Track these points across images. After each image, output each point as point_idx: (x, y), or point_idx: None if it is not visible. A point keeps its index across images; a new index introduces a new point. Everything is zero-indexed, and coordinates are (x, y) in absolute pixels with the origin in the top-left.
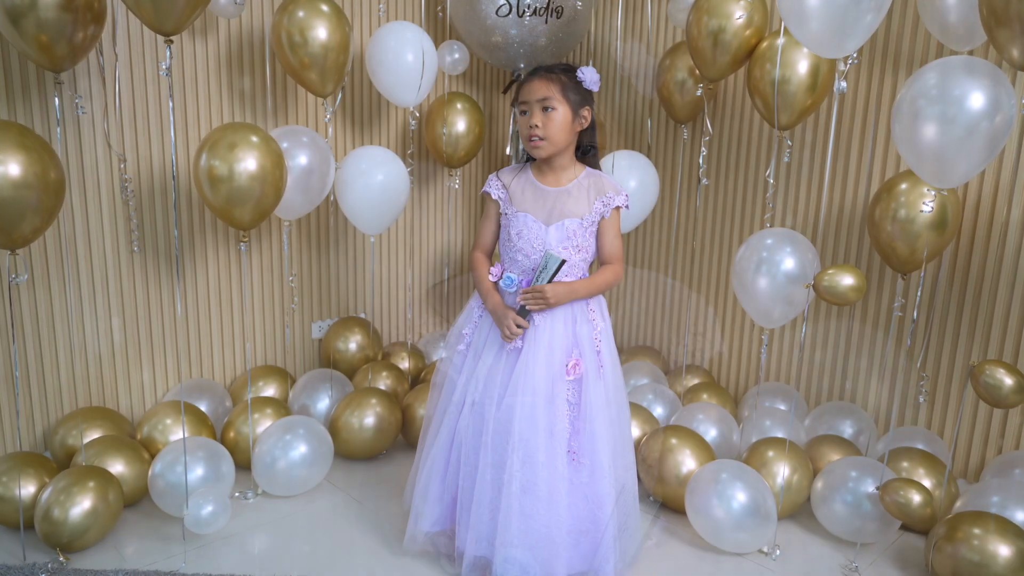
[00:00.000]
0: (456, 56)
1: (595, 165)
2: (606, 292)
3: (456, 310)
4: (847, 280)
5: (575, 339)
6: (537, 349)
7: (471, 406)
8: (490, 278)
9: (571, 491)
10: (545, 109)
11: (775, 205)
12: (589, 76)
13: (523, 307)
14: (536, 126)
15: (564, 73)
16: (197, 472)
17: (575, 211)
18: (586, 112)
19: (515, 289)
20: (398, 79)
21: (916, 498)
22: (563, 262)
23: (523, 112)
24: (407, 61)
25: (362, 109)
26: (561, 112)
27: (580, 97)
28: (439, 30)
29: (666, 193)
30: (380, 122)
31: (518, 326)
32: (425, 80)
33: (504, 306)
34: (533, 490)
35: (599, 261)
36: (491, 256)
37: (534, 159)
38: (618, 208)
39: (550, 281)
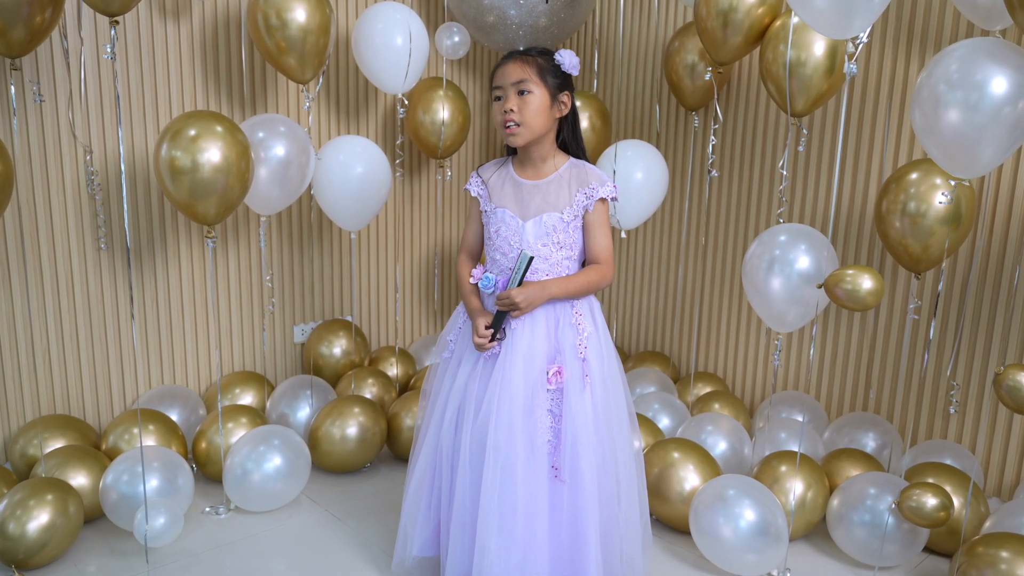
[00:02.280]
0: (456, 40)
1: (579, 153)
2: (597, 294)
3: (451, 313)
4: (867, 284)
5: (557, 345)
6: (515, 355)
7: (452, 418)
8: (470, 280)
9: (552, 512)
10: (521, 93)
11: (787, 199)
12: (568, 59)
13: (498, 313)
14: (511, 111)
15: (541, 56)
16: (152, 483)
17: (555, 204)
18: (565, 97)
19: (492, 290)
20: (387, 64)
21: (931, 501)
22: (531, 259)
23: (497, 98)
24: (396, 45)
25: (347, 96)
26: (538, 96)
27: (559, 81)
28: (437, 11)
29: (676, 186)
30: (367, 110)
31: (482, 335)
32: (413, 65)
33: (480, 311)
34: (512, 512)
35: (586, 260)
36: (478, 259)
37: (516, 153)
38: (604, 200)
39: (520, 282)
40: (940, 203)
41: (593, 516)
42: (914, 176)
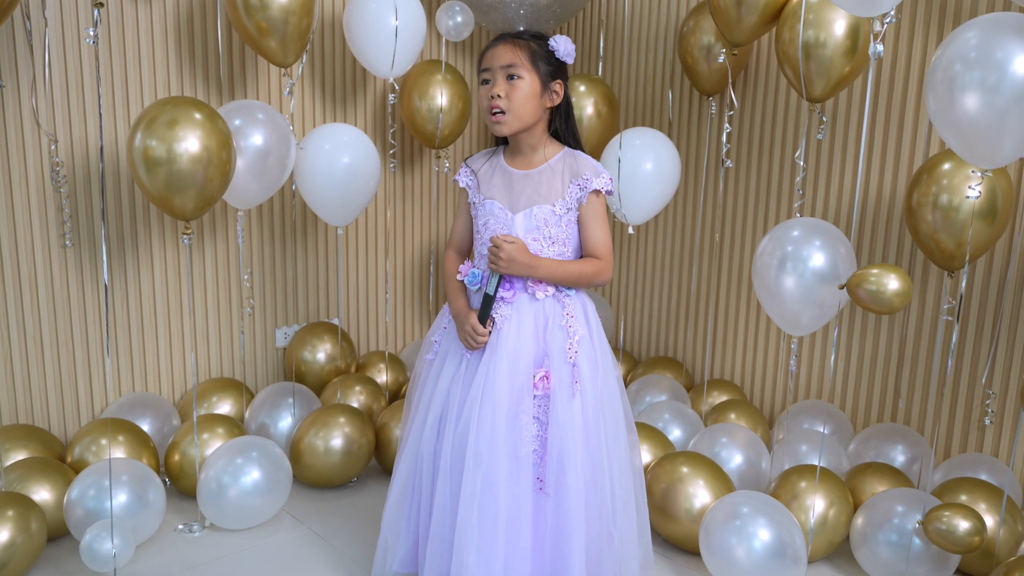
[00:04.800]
0: (459, 20)
1: (575, 145)
2: (600, 290)
3: None
4: (893, 284)
5: (546, 347)
6: (499, 357)
7: (434, 423)
8: (458, 277)
9: (536, 527)
10: (510, 78)
11: (803, 192)
12: (563, 46)
13: (483, 306)
14: (498, 96)
15: (534, 40)
16: (120, 499)
17: (546, 196)
18: (558, 87)
19: (478, 287)
20: (380, 46)
21: (962, 524)
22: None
23: (485, 81)
24: (390, 25)
25: (334, 81)
26: (528, 82)
27: (552, 68)
28: None
29: (689, 178)
30: (357, 96)
31: (482, 333)
32: (407, 47)
33: (467, 310)
34: (492, 525)
35: (583, 256)
36: (467, 255)
37: (507, 142)
38: (598, 192)
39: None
40: (968, 197)
41: (579, 533)
42: (947, 167)
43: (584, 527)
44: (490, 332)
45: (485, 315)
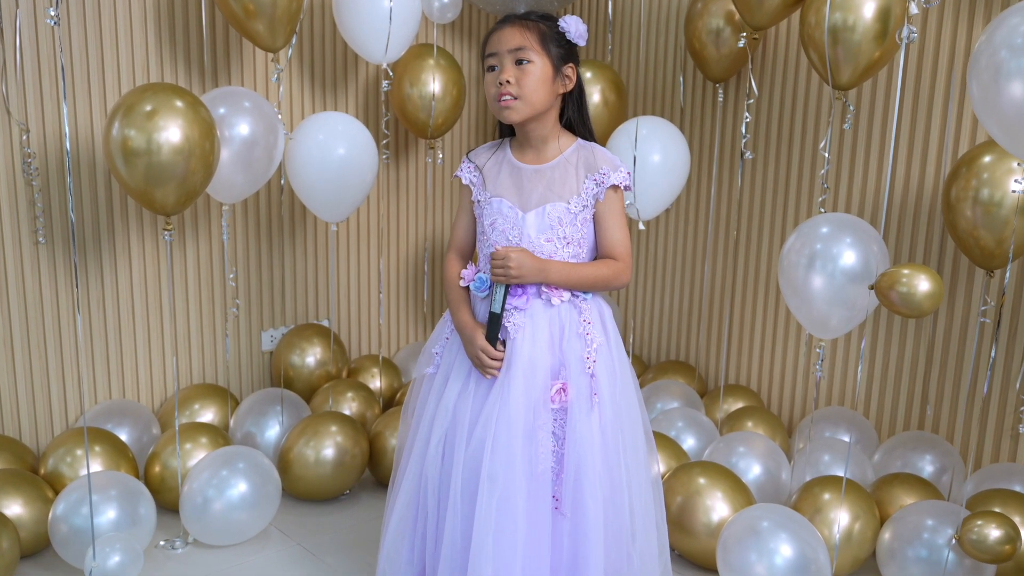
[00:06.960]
0: (446, 1)
1: (587, 136)
2: (607, 294)
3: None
4: (924, 286)
5: (563, 357)
6: (515, 370)
7: (438, 443)
8: (461, 282)
9: (553, 551)
10: (519, 62)
11: (829, 186)
12: (574, 27)
13: (490, 325)
14: (508, 82)
15: (543, 21)
16: (108, 515)
17: (560, 193)
18: (570, 71)
19: (486, 293)
20: (372, 28)
21: (994, 533)
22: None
23: (491, 68)
24: (383, 7)
25: (323, 67)
26: (539, 66)
27: (563, 51)
28: None
29: (703, 169)
30: (348, 83)
31: (495, 357)
32: (401, 30)
33: (473, 324)
34: (511, 552)
35: (599, 257)
36: (470, 259)
37: (513, 134)
38: (616, 188)
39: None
40: (1013, 192)
41: (597, 556)
42: (988, 159)
43: (603, 550)
44: (503, 353)
45: (494, 335)
